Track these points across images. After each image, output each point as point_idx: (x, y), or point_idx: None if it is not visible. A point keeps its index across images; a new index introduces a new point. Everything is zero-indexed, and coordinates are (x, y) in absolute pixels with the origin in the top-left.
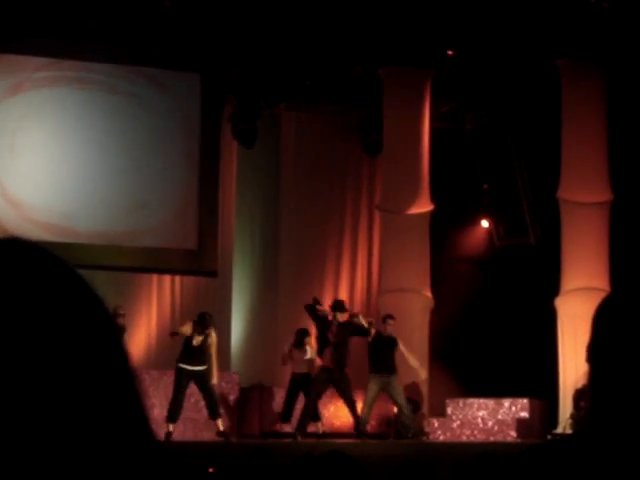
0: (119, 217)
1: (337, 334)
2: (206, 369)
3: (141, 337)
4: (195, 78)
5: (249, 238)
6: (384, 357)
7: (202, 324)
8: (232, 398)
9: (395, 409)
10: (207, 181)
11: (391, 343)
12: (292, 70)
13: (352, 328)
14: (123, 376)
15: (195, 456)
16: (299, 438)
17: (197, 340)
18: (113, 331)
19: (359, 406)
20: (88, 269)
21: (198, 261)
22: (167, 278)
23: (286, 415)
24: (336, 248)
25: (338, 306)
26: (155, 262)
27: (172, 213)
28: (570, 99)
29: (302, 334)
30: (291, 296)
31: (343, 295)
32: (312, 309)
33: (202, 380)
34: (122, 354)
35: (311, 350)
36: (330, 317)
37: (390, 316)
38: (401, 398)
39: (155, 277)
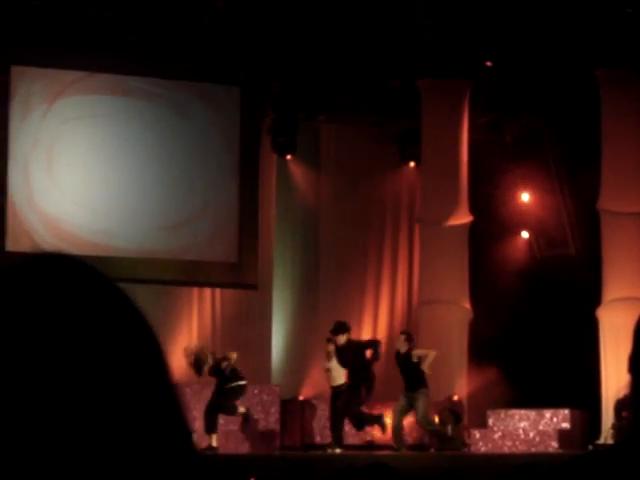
0: (159, 231)
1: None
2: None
3: (182, 350)
4: (234, 91)
5: (289, 250)
6: (404, 374)
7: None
8: (273, 410)
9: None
10: (247, 194)
11: (406, 360)
12: (331, 82)
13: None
14: (165, 389)
15: (237, 468)
16: (329, 450)
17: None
18: (154, 344)
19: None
20: (129, 283)
21: (238, 274)
22: (208, 291)
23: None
24: (376, 259)
25: (340, 328)
26: (196, 275)
27: (212, 226)
28: (610, 109)
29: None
30: (331, 308)
31: (384, 306)
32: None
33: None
34: (163, 367)
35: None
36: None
37: (402, 332)
38: (421, 413)
39: (196, 290)
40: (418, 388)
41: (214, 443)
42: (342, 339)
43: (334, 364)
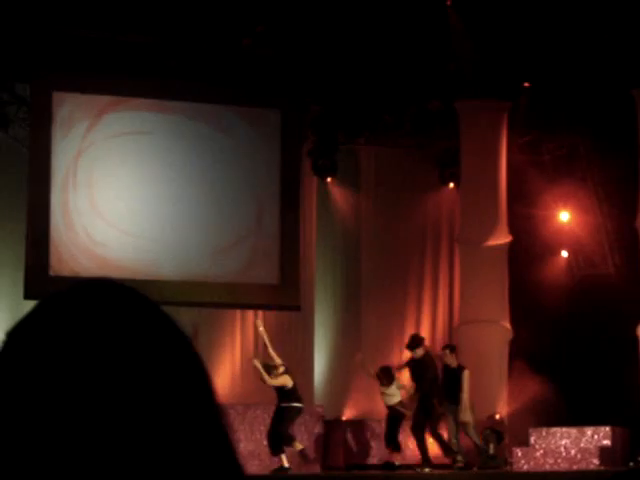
0: (202, 255)
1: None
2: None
3: (226, 371)
4: (275, 114)
5: (330, 271)
6: (450, 389)
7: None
8: (316, 431)
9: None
10: (288, 216)
11: (456, 374)
12: (370, 104)
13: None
14: (210, 410)
15: None
16: (418, 470)
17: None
18: (199, 367)
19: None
20: (173, 305)
21: (281, 296)
22: (250, 313)
23: (392, 443)
24: (417, 280)
25: (417, 341)
26: (238, 298)
27: (254, 248)
28: None
29: (388, 371)
30: (373, 328)
31: (425, 327)
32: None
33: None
34: (209, 389)
35: (398, 384)
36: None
37: (446, 346)
38: (453, 429)
39: (239, 312)
40: (459, 403)
41: (285, 464)
42: (420, 352)
43: (396, 383)
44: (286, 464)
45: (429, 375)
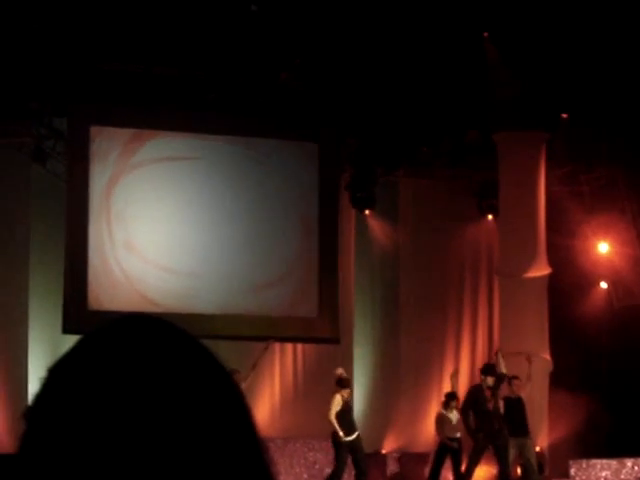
0: (239, 283)
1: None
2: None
3: (265, 405)
4: (313, 148)
5: (369, 304)
6: (517, 419)
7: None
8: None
9: (520, 470)
10: (326, 249)
11: (520, 404)
12: (408, 137)
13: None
14: (252, 444)
15: None
16: None
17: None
18: (240, 400)
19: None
20: (211, 339)
21: (319, 328)
22: (289, 345)
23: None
24: (456, 311)
25: (489, 370)
26: (277, 330)
27: (292, 282)
28: None
29: (450, 397)
30: (412, 361)
31: (464, 359)
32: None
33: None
34: (250, 422)
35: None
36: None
37: (515, 377)
38: (533, 460)
39: (277, 345)
40: (527, 434)
41: None
42: (490, 381)
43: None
44: None
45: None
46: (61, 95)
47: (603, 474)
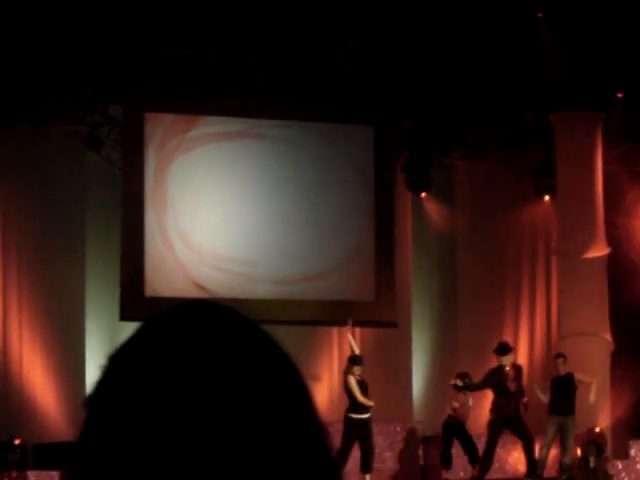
0: (297, 267)
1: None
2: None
3: (324, 389)
4: (368, 131)
5: (427, 287)
6: (562, 398)
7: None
8: (416, 447)
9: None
10: (382, 232)
11: (568, 382)
12: (463, 118)
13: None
14: (314, 428)
15: None
16: None
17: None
18: (302, 385)
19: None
20: (270, 324)
21: (377, 312)
22: (347, 330)
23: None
24: (514, 293)
25: (505, 349)
26: (335, 314)
27: (349, 264)
28: None
29: (462, 377)
30: (471, 344)
31: (523, 341)
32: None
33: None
34: (312, 407)
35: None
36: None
37: (560, 355)
38: (571, 441)
39: (335, 330)
40: (570, 413)
41: None
42: (506, 360)
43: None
44: None
45: None
46: (115, 82)
47: None
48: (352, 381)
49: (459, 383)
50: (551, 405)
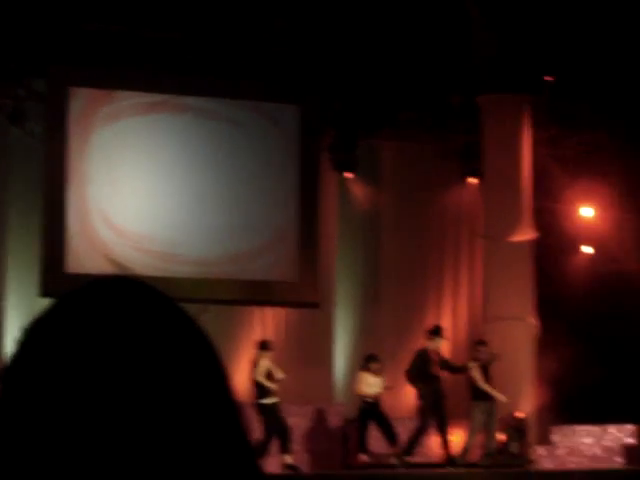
0: (220, 246)
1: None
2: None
3: (245, 369)
4: (294, 110)
5: (350, 268)
6: (486, 383)
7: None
8: (336, 429)
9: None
10: (307, 212)
11: (487, 369)
12: (390, 100)
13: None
14: (228, 408)
15: None
16: (401, 469)
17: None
18: (218, 364)
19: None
20: (192, 302)
21: (300, 292)
22: (269, 310)
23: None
24: (438, 276)
25: (440, 331)
26: (257, 294)
27: (273, 244)
28: None
29: (369, 360)
30: (393, 326)
31: (446, 323)
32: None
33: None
34: (227, 387)
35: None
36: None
37: (481, 342)
38: (494, 426)
39: (257, 310)
40: (493, 399)
41: (289, 461)
42: (438, 343)
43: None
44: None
45: None
46: (40, 56)
47: (585, 440)
48: (261, 369)
49: (372, 367)
50: (475, 391)
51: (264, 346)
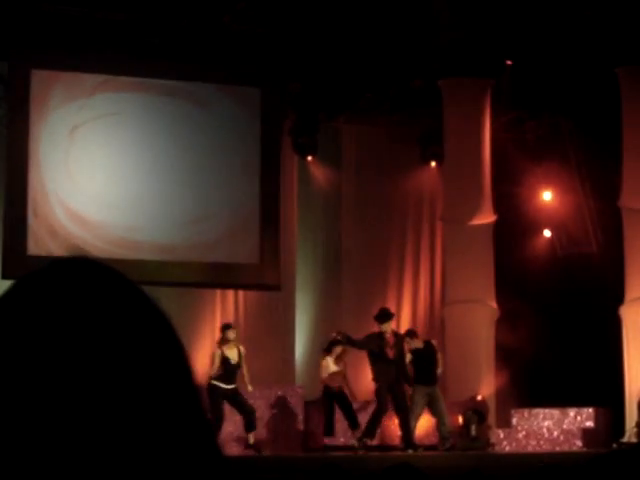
0: (181, 230)
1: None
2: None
3: (205, 352)
4: (255, 92)
5: (311, 251)
6: (425, 368)
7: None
8: (297, 411)
9: (460, 420)
10: (268, 195)
11: (427, 351)
12: (351, 83)
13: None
14: (188, 391)
15: (261, 469)
16: (361, 451)
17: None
18: (178, 347)
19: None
20: (152, 285)
21: (261, 275)
22: (230, 293)
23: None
24: (398, 259)
25: (385, 316)
26: (218, 277)
27: (233, 227)
28: (630, 106)
29: (332, 344)
30: (354, 309)
31: (406, 307)
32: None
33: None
34: (187, 369)
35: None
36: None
37: (412, 332)
38: (444, 409)
39: (218, 292)
40: (435, 382)
41: (251, 441)
42: (388, 327)
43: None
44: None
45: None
46: (1, 38)
47: (545, 424)
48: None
49: (338, 337)
50: (415, 376)
51: (226, 328)
